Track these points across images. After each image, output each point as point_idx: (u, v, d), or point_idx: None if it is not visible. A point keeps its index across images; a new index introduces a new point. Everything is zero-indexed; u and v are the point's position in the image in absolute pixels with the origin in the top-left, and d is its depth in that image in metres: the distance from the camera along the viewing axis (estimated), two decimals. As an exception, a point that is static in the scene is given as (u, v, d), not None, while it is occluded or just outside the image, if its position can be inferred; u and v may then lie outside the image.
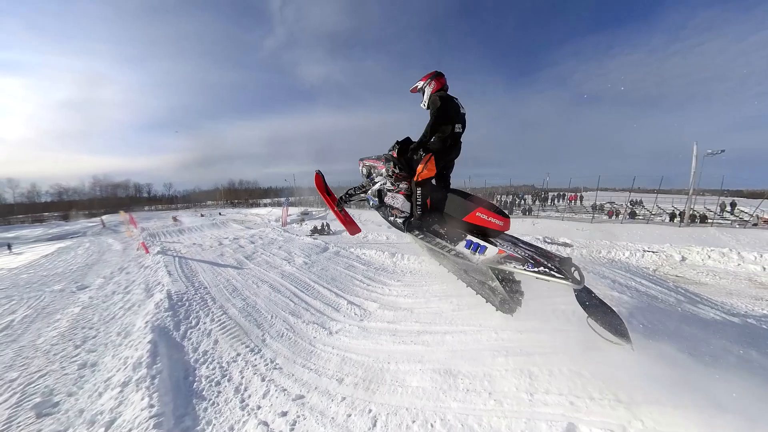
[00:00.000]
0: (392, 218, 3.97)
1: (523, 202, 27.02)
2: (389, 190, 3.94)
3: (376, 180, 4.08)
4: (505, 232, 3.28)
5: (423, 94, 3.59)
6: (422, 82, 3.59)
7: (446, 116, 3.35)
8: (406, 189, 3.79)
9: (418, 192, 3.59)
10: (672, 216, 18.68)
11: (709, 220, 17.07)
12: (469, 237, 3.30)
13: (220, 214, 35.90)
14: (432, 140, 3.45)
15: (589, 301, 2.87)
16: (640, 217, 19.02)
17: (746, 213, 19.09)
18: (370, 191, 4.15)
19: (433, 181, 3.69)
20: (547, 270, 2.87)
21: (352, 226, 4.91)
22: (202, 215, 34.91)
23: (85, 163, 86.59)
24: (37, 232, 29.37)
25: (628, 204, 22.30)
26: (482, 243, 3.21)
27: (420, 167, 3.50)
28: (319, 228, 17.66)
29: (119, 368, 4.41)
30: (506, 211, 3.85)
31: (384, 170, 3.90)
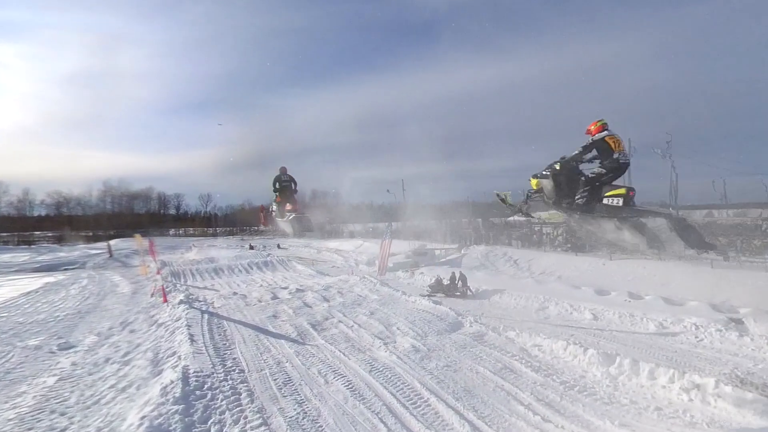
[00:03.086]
0: (277, 217, 16.66)
1: None
2: (275, 204, 16.22)
3: (272, 202, 15.82)
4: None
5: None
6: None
7: None
8: (278, 206, 16.86)
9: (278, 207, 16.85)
10: None
11: None
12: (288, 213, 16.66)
13: (278, 246, 25.42)
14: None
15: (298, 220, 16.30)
16: None
17: None
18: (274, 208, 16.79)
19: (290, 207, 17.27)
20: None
21: (263, 221, 18.52)
22: (251, 247, 25.12)
23: (94, 162, 66.22)
24: (22, 258, 24.13)
25: None
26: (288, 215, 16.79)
27: (278, 198, 17.35)
28: (446, 282, 10.09)
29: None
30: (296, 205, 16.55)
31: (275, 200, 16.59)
